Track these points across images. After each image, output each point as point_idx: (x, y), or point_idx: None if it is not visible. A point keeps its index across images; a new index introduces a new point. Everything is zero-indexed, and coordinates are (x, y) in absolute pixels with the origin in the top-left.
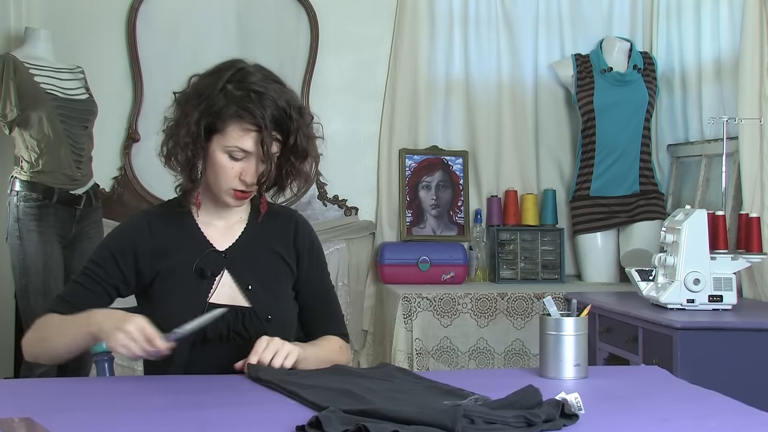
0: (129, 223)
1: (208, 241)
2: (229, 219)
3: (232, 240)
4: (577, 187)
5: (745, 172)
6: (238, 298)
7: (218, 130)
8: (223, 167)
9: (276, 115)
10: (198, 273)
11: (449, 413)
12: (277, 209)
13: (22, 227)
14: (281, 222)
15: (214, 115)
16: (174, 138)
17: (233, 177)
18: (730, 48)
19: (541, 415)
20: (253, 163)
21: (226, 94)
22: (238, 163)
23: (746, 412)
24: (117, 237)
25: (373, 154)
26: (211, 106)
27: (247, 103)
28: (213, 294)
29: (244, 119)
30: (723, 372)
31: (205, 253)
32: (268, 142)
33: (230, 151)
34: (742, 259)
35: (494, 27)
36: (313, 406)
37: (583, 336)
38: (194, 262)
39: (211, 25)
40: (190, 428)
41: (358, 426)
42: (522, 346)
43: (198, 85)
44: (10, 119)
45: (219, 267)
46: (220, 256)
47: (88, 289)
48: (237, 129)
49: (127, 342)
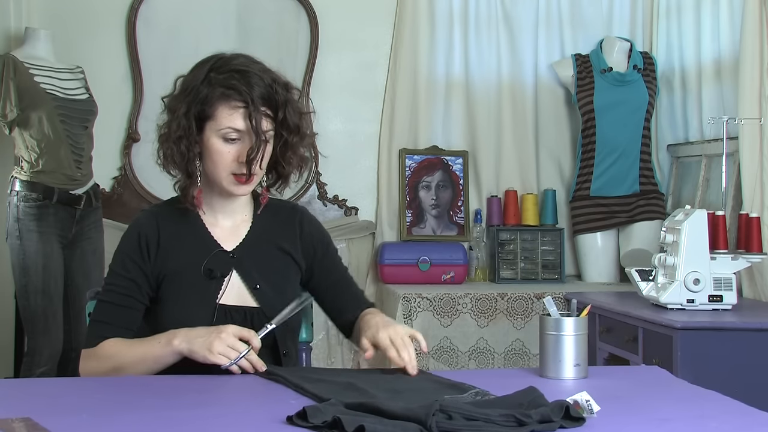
0: (137, 224)
1: (215, 242)
2: (234, 218)
3: (239, 240)
4: (577, 187)
5: (745, 172)
6: (246, 298)
7: (209, 116)
8: (219, 152)
9: (262, 91)
10: (207, 274)
11: (425, 407)
12: (279, 204)
13: (22, 227)
14: (285, 217)
15: (202, 102)
16: (166, 137)
17: (231, 161)
18: (730, 48)
19: (534, 416)
20: (248, 144)
21: (211, 80)
22: (233, 145)
23: (746, 412)
24: (128, 240)
25: (373, 154)
26: (198, 94)
27: (231, 82)
28: (222, 295)
29: (230, 98)
30: (723, 372)
31: (213, 254)
32: (257, 117)
33: (223, 133)
34: (742, 259)
35: (494, 27)
36: (315, 398)
37: (583, 336)
38: (202, 262)
39: (211, 25)
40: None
41: (335, 417)
42: (522, 346)
43: (183, 82)
44: (10, 119)
45: (227, 267)
46: (228, 256)
47: (122, 306)
48: (226, 109)
49: (224, 349)
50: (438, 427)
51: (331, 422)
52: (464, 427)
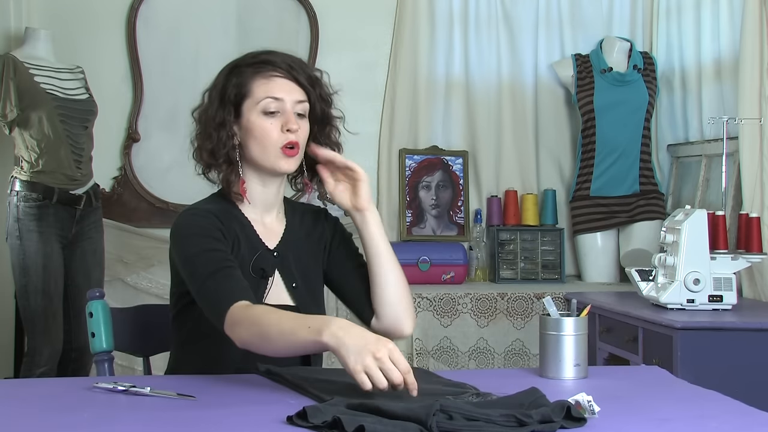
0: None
1: (260, 239)
2: (271, 214)
3: (278, 238)
4: (577, 187)
5: (745, 172)
6: (284, 297)
7: (245, 94)
8: (263, 128)
9: (292, 64)
10: (258, 273)
11: (426, 407)
12: (304, 206)
13: (22, 227)
14: (313, 216)
15: (237, 87)
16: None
17: (276, 135)
18: (730, 48)
19: (534, 416)
20: (290, 111)
21: (240, 70)
22: (275, 118)
23: (746, 412)
24: (201, 219)
25: (373, 154)
26: (228, 84)
27: (262, 57)
28: (268, 293)
29: (264, 70)
30: (723, 372)
31: (259, 253)
32: (294, 79)
33: (263, 106)
34: (742, 259)
35: (494, 27)
36: (316, 399)
37: (583, 336)
38: (250, 260)
39: (211, 25)
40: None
41: (335, 417)
42: (522, 346)
43: (210, 89)
44: (10, 119)
45: (273, 266)
46: (272, 255)
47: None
48: (261, 80)
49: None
50: (438, 427)
51: (331, 422)
52: (465, 427)
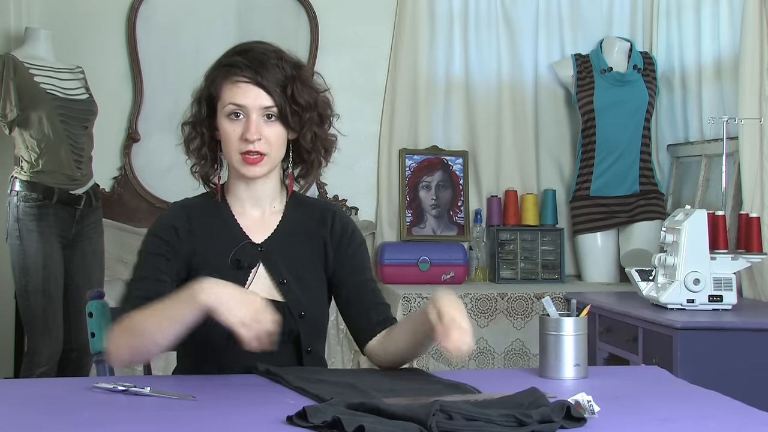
0: (167, 212)
1: (244, 233)
2: (263, 208)
3: (268, 232)
4: (577, 187)
5: (745, 172)
6: (272, 292)
7: (215, 96)
8: (226, 133)
9: (259, 68)
10: (234, 264)
11: (426, 407)
12: (314, 202)
13: (22, 227)
14: (318, 214)
15: (209, 88)
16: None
17: (237, 140)
18: (730, 48)
19: (534, 416)
20: (253, 120)
21: (215, 71)
22: (238, 123)
23: (746, 412)
24: (159, 224)
25: (373, 154)
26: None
27: (234, 59)
28: (249, 286)
29: (232, 74)
30: (723, 372)
31: (240, 245)
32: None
33: (227, 111)
34: (742, 259)
35: (494, 27)
36: (316, 399)
37: (582, 336)
38: (230, 252)
39: (211, 25)
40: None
41: (334, 417)
42: (522, 346)
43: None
44: (10, 119)
45: (255, 259)
46: (256, 248)
47: (157, 280)
48: (228, 85)
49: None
50: (438, 427)
51: (331, 422)
52: (464, 427)
